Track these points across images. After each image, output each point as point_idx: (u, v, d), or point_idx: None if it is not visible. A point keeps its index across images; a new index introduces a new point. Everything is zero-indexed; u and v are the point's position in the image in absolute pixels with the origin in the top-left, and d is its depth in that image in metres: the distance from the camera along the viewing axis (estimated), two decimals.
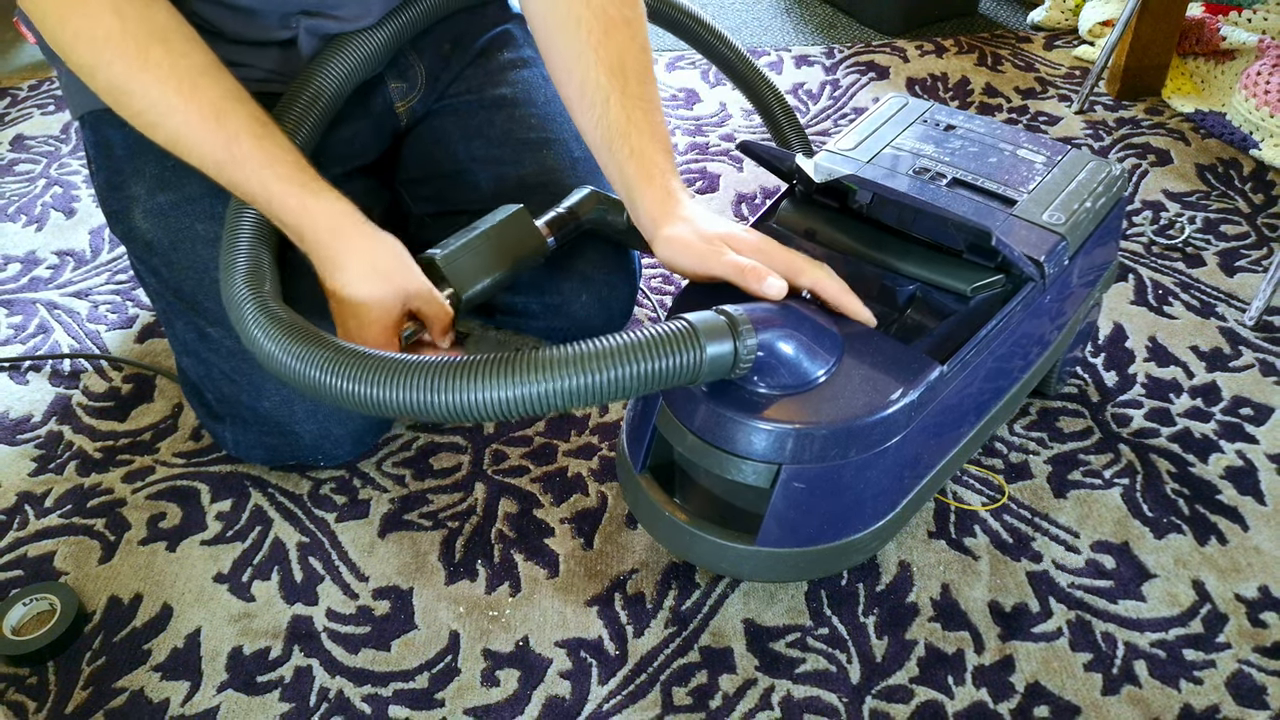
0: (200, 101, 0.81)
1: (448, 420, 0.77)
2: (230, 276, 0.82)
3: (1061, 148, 0.97)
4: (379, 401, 0.69)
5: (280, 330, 0.75)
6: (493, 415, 0.68)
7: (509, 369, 0.67)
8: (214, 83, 0.81)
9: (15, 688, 0.86)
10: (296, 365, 0.73)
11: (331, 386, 0.71)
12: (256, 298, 0.79)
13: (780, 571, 0.83)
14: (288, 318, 0.76)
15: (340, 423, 0.96)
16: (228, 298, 0.81)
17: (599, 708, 0.83)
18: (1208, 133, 1.49)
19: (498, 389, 0.67)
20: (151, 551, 0.96)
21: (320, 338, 0.73)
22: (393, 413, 0.69)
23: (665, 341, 0.69)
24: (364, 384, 0.69)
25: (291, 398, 0.94)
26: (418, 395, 0.68)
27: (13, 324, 1.23)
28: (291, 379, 0.74)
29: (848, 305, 0.80)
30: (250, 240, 0.84)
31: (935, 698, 0.83)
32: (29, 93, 1.68)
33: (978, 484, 1.00)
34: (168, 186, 0.96)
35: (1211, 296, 1.21)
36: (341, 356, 0.71)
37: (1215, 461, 1.02)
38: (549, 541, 0.96)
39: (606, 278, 1.03)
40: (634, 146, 0.85)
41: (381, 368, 0.69)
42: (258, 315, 0.77)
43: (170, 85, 0.80)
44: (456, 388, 0.67)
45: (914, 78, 1.66)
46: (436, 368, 0.67)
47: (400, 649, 0.88)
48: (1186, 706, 0.82)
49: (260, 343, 0.76)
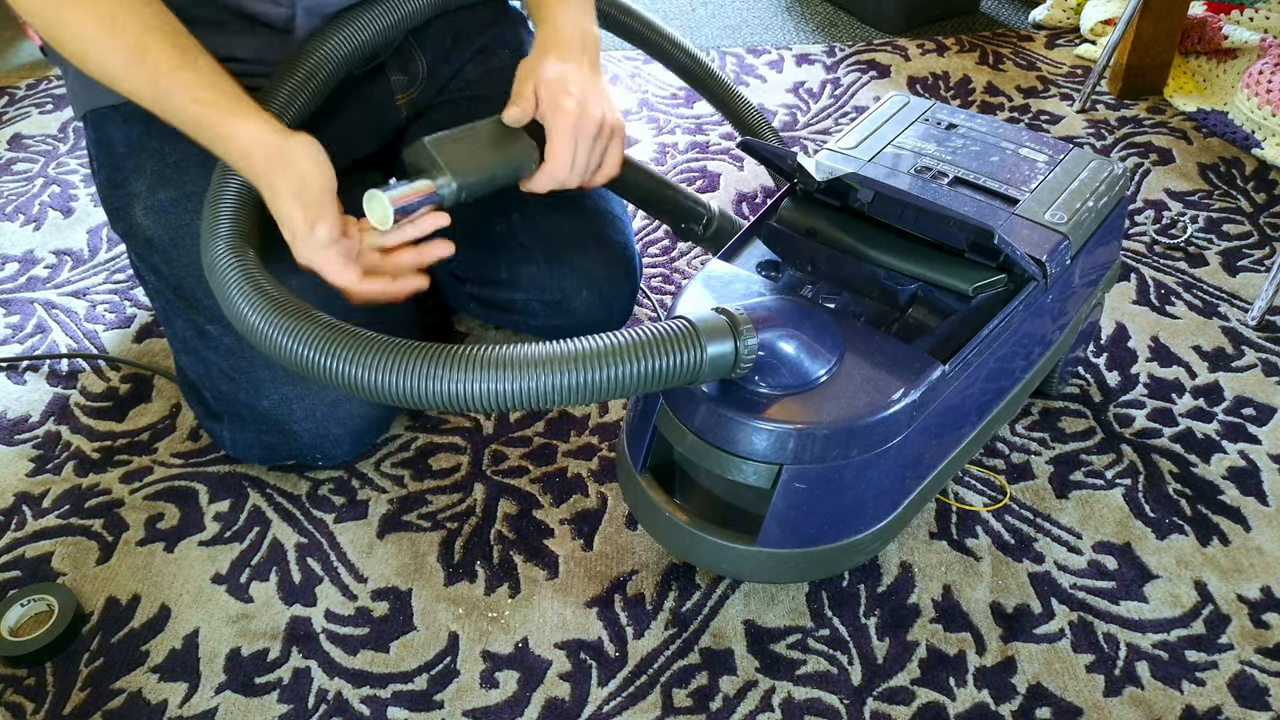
0: (122, 37, 0.80)
1: (444, 410, 0.77)
2: (212, 242, 0.81)
3: (1063, 147, 0.97)
4: (375, 387, 0.68)
5: (267, 304, 0.74)
6: (490, 406, 0.67)
7: (509, 361, 0.66)
8: (134, 17, 0.80)
9: (13, 689, 0.85)
10: (289, 343, 0.72)
11: (330, 370, 0.70)
12: (240, 265, 0.78)
13: (781, 572, 0.83)
14: (271, 289, 0.76)
15: (338, 422, 0.96)
16: (209, 263, 0.80)
17: (599, 709, 0.82)
18: (1210, 132, 1.49)
19: (496, 380, 0.66)
20: (149, 552, 0.96)
21: (314, 317, 0.73)
22: (388, 399, 0.69)
23: (666, 340, 0.69)
24: (360, 368, 0.68)
25: (290, 397, 0.94)
26: (413, 382, 0.67)
27: (10, 324, 1.23)
28: (283, 359, 0.73)
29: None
30: (233, 203, 0.83)
31: (937, 699, 0.82)
32: (27, 92, 1.68)
33: (979, 484, 1.00)
34: (168, 183, 0.96)
35: (1214, 296, 1.21)
36: (340, 339, 0.70)
37: (1217, 462, 1.01)
38: (548, 542, 0.96)
39: (607, 275, 1.03)
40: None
41: (380, 351, 0.68)
42: (241, 285, 0.77)
43: (91, 22, 0.80)
44: (454, 377, 0.66)
45: (915, 76, 1.66)
46: (436, 355, 0.67)
47: (399, 650, 0.87)
48: (1189, 708, 0.81)
49: (244, 315, 0.76)
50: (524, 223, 1.02)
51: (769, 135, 1.18)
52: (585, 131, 0.88)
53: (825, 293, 0.87)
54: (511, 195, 1.05)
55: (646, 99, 1.61)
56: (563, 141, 0.87)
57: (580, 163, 0.89)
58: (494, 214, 1.04)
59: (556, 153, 0.88)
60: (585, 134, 0.88)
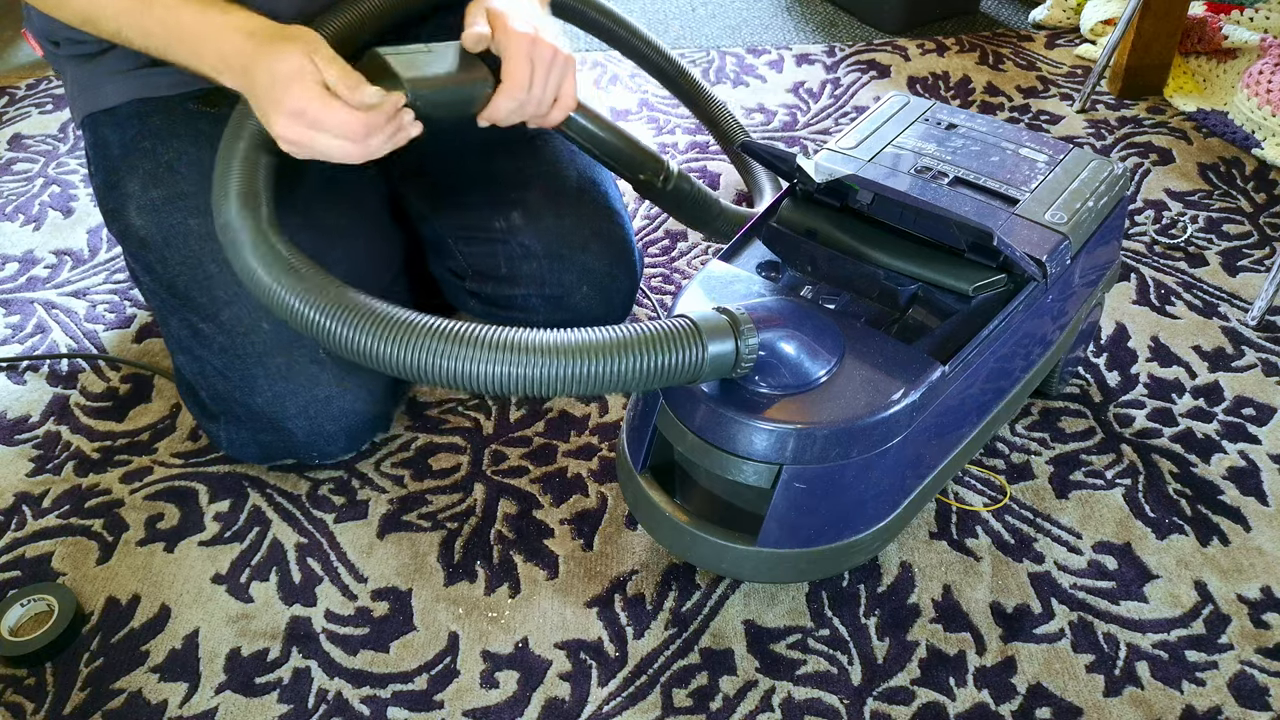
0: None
1: (449, 386, 0.76)
2: (225, 201, 0.80)
3: (1064, 147, 0.97)
4: (380, 357, 0.69)
5: (279, 268, 0.74)
6: (492, 390, 0.68)
7: (514, 345, 0.66)
8: None
9: (13, 689, 0.85)
10: (298, 305, 0.72)
11: (340, 337, 0.70)
12: (254, 225, 0.78)
13: (781, 572, 0.83)
14: (287, 254, 0.75)
15: (332, 419, 0.96)
16: (223, 223, 0.79)
17: (599, 709, 0.82)
18: (1210, 132, 1.49)
19: (500, 363, 0.66)
20: (149, 552, 0.96)
21: (328, 285, 0.72)
22: (392, 370, 0.69)
23: (667, 337, 0.69)
24: (368, 337, 0.69)
25: (283, 394, 0.94)
26: (419, 357, 0.67)
27: (10, 324, 1.23)
28: (288, 317, 0.73)
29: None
30: (245, 160, 0.82)
31: (937, 699, 0.82)
32: (27, 92, 1.68)
33: (979, 484, 1.00)
34: (160, 183, 0.96)
35: (1214, 296, 1.21)
36: (349, 309, 0.70)
37: (1217, 462, 1.01)
38: (548, 542, 0.96)
39: (608, 270, 1.03)
40: None
41: (388, 325, 0.68)
42: (256, 245, 0.76)
43: None
44: (459, 355, 0.66)
45: (915, 76, 1.66)
46: (445, 333, 0.67)
47: (399, 650, 0.87)
48: (1189, 708, 0.81)
49: (257, 275, 0.75)
50: (524, 220, 1.02)
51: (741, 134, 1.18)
52: (541, 55, 0.86)
53: (825, 293, 0.87)
54: (511, 193, 1.05)
55: (646, 99, 1.61)
56: (519, 62, 0.86)
57: (538, 88, 0.87)
58: (494, 212, 1.04)
59: (513, 73, 0.86)
60: (541, 58, 0.86)
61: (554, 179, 1.04)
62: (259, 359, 0.93)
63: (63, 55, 1.02)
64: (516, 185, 1.04)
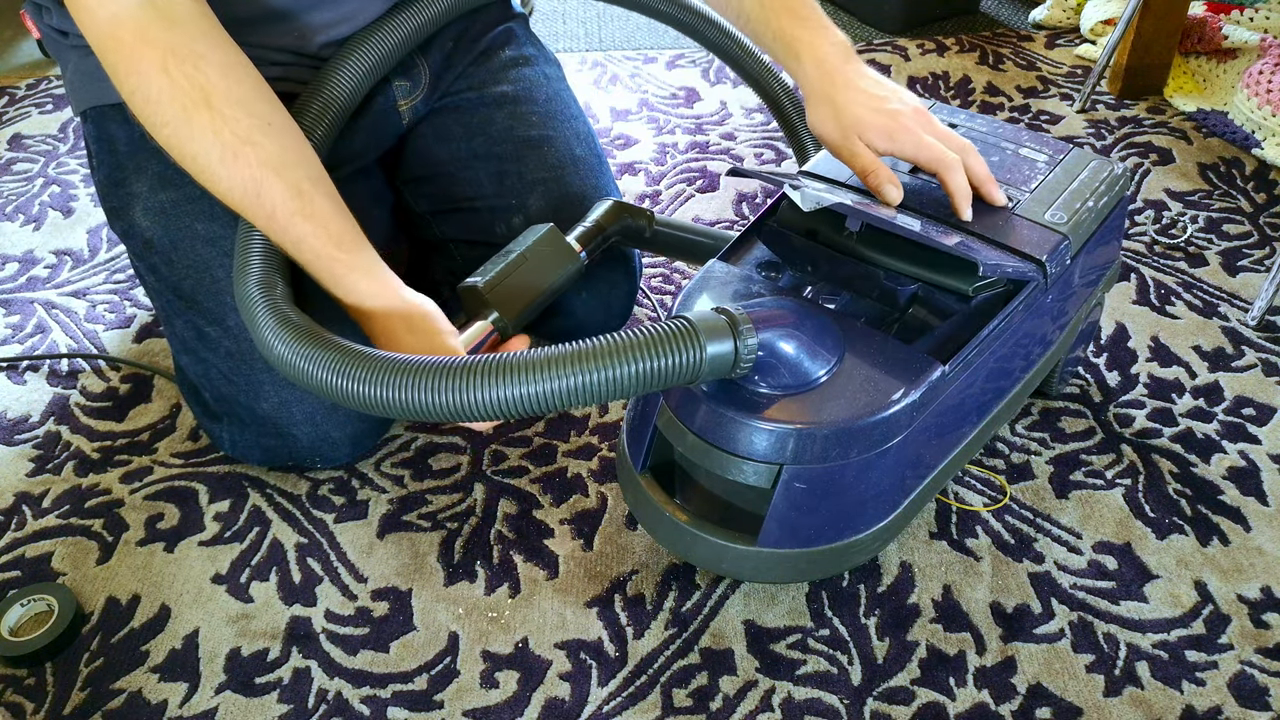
0: (241, 173, 0.81)
1: (448, 420, 0.77)
2: (244, 280, 0.82)
3: (1064, 147, 0.97)
4: (378, 401, 0.69)
5: (289, 330, 0.76)
6: (493, 415, 0.67)
7: (509, 369, 0.66)
8: (255, 151, 0.81)
9: (13, 689, 0.85)
10: (299, 363, 0.73)
11: (331, 386, 0.71)
12: (268, 300, 0.79)
13: (781, 572, 0.83)
14: (298, 319, 0.77)
15: (338, 426, 0.96)
16: (240, 296, 0.82)
17: (599, 709, 0.82)
18: (1210, 132, 1.49)
19: (497, 389, 0.66)
20: (149, 552, 0.96)
21: (326, 338, 0.73)
22: (392, 413, 0.69)
23: (665, 340, 0.69)
24: (363, 384, 0.69)
25: (289, 400, 0.93)
26: (417, 396, 0.67)
27: (10, 324, 1.23)
28: (293, 375, 0.74)
29: (987, 193, 0.88)
30: (264, 245, 0.85)
31: (937, 699, 0.82)
32: (27, 92, 1.68)
33: (979, 484, 1.00)
34: (169, 185, 0.96)
35: (1214, 296, 1.21)
36: (344, 357, 0.70)
37: (1217, 462, 1.01)
38: (548, 542, 0.96)
39: (607, 276, 1.03)
40: (775, 31, 0.92)
41: (381, 368, 0.68)
42: (268, 318, 0.77)
43: (215, 154, 0.81)
44: (456, 388, 0.66)
45: (915, 76, 1.66)
46: (436, 368, 0.67)
47: (399, 650, 0.87)
48: (1189, 708, 0.81)
49: (271, 345, 0.77)
50: (526, 226, 1.02)
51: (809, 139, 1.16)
52: (904, 147, 0.86)
53: (825, 293, 0.87)
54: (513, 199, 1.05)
55: (646, 99, 1.61)
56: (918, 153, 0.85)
57: (925, 151, 0.86)
58: (495, 217, 1.05)
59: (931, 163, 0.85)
60: (904, 146, 0.86)
61: (556, 185, 1.04)
62: (265, 365, 0.92)
63: (68, 45, 0.99)
64: (519, 191, 1.04)
